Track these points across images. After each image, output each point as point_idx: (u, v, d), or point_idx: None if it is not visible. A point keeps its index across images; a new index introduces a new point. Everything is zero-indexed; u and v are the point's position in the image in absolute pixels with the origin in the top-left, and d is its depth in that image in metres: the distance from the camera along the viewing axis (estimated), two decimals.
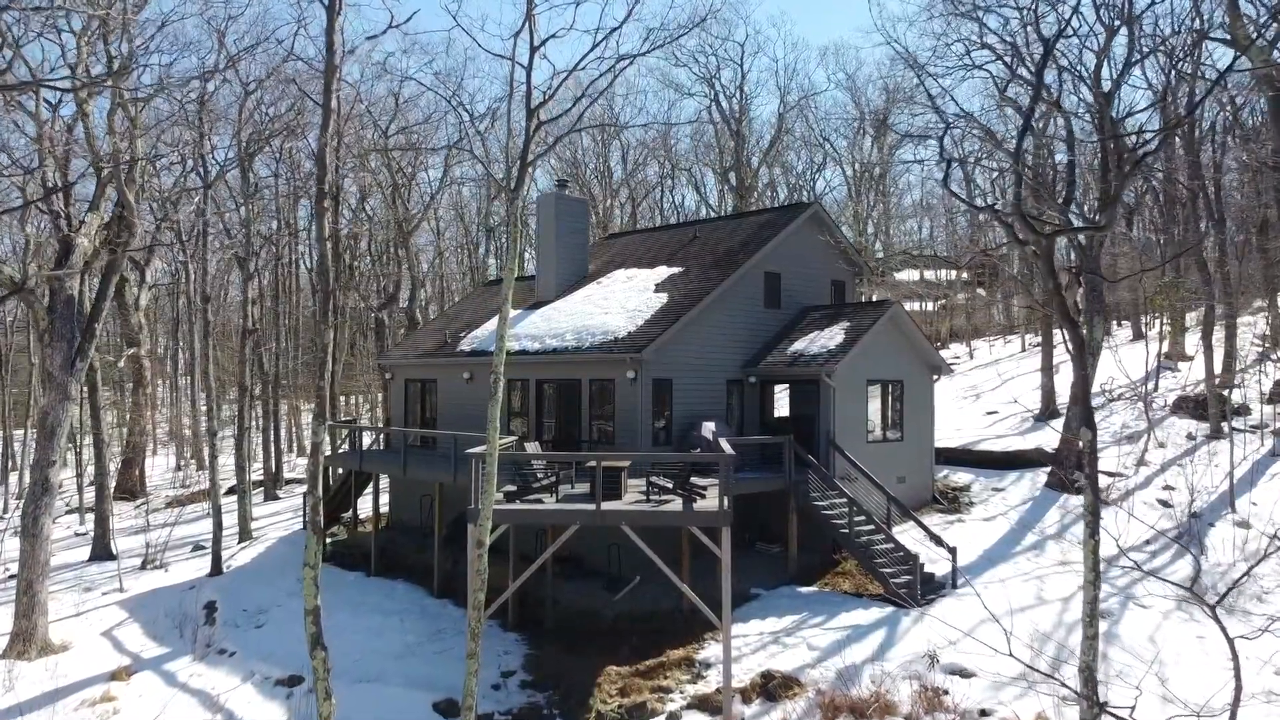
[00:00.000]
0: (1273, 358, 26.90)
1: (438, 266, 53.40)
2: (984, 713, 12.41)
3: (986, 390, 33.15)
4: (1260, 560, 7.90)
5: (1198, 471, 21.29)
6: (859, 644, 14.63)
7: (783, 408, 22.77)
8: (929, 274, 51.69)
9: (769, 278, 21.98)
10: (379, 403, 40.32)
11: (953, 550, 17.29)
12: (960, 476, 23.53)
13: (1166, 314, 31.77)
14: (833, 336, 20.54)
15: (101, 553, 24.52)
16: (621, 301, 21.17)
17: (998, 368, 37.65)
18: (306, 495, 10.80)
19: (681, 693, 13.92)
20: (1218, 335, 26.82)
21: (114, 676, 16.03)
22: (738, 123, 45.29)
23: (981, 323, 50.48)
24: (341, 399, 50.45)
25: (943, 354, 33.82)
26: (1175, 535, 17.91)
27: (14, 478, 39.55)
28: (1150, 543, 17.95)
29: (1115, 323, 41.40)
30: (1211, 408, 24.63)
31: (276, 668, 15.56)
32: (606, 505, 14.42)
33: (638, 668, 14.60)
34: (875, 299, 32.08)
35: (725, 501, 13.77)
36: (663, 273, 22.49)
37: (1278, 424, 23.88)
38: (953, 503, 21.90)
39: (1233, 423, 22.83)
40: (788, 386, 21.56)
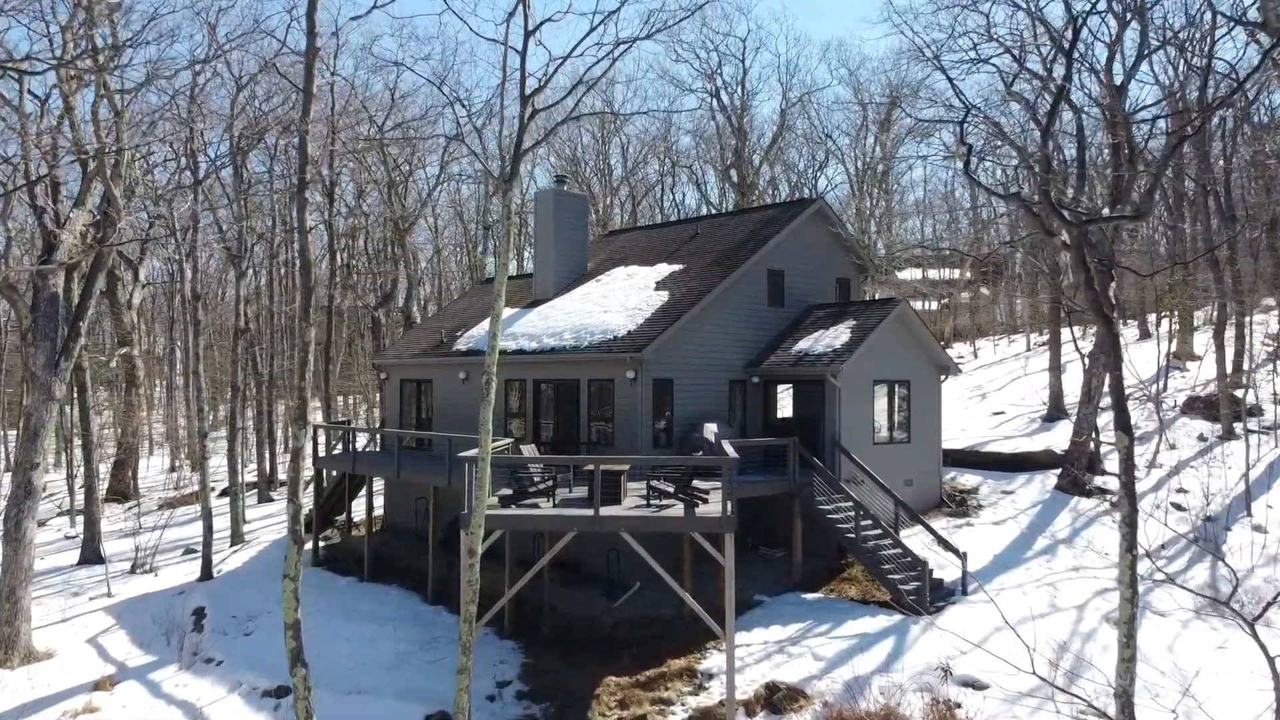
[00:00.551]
0: None
1: (436, 265, 52.91)
2: None
3: (992, 390, 32.64)
4: None
5: (1212, 474, 20.80)
6: (867, 654, 14.13)
7: (786, 409, 22.25)
8: (932, 273, 51.18)
9: (772, 275, 21.45)
10: (377, 403, 39.78)
11: (963, 556, 16.78)
12: (968, 478, 23.01)
13: (1175, 313, 31.22)
14: (838, 335, 20.02)
15: (90, 556, 24.01)
16: (621, 300, 20.64)
17: (1003, 367, 37.15)
18: (288, 503, 10.30)
19: (683, 705, 13.43)
20: (1228, 334, 26.31)
21: (97, 686, 15.57)
22: (739, 119, 44.74)
23: (985, 322, 49.95)
24: (340, 399, 49.98)
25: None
26: (1192, 540, 17.39)
27: (7, 478, 39.06)
28: (1165, 547, 17.44)
29: (1122, 322, 40.85)
30: (1223, 408, 24.13)
31: (264, 678, 15.06)
32: (605, 511, 13.89)
33: (638, 678, 14.11)
34: (879, 297, 31.54)
35: (729, 507, 13.24)
36: (663, 270, 21.96)
37: None
38: (961, 506, 21.36)
39: (1246, 424, 22.31)
40: (791, 387, 21.04)
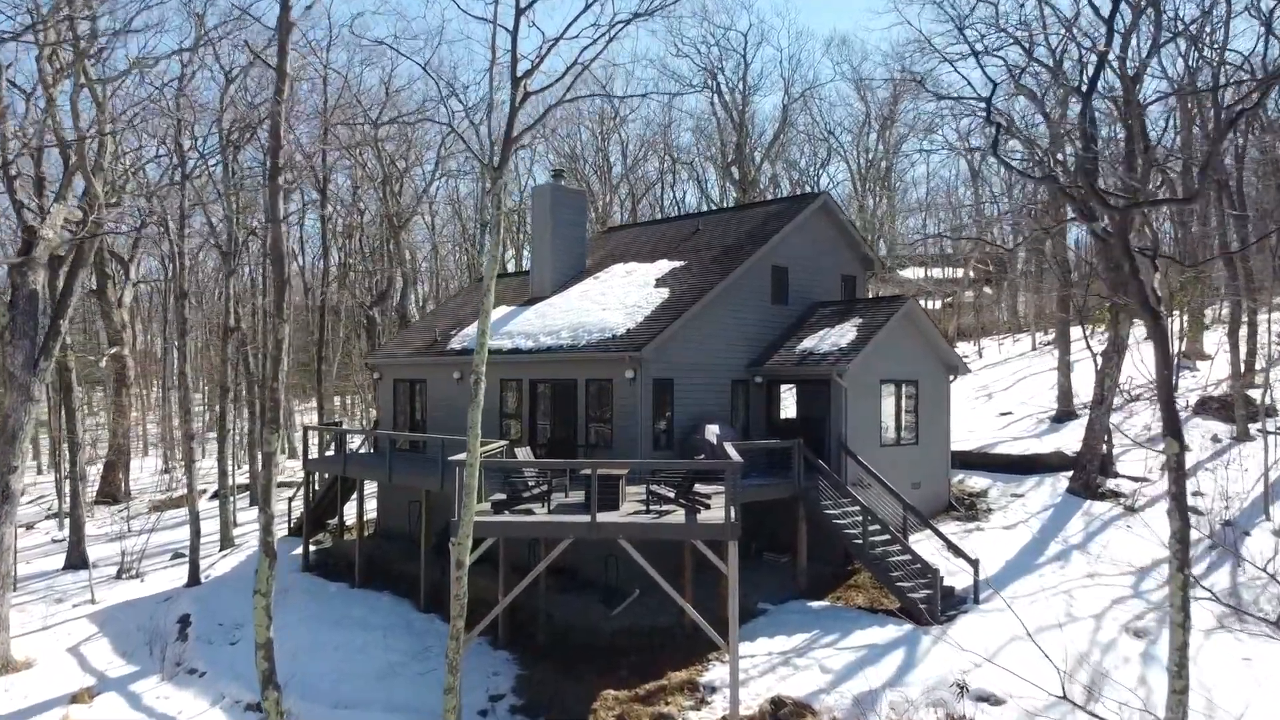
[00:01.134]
0: None
1: (435, 263, 52.29)
2: None
3: (998, 390, 32.01)
4: None
5: (1228, 476, 20.19)
6: (876, 666, 13.53)
7: (790, 409, 21.63)
8: (935, 271, 50.57)
9: (776, 272, 20.82)
10: (372, 403, 39.17)
11: (975, 562, 16.17)
12: (977, 481, 22.38)
13: (1186, 311, 30.58)
14: (844, 334, 19.40)
15: (76, 561, 23.35)
16: (620, 297, 20.02)
17: (1008, 366, 36.51)
18: (259, 512, 9.70)
19: None
20: (1241, 333, 25.69)
21: (75, 699, 15.00)
22: (740, 115, 44.14)
23: (989, 321, 49.33)
24: (336, 399, 49.38)
25: None
26: (1211, 544, 16.79)
27: None
28: None
29: (1129, 321, 40.17)
30: (1238, 409, 23.51)
31: (248, 690, 14.42)
32: (603, 517, 13.28)
33: (637, 692, 13.51)
34: (885, 295, 30.91)
35: (732, 513, 12.64)
36: (664, 267, 21.33)
37: None
38: (970, 509, 20.74)
39: (1264, 424, 21.68)
40: (796, 387, 20.43)
